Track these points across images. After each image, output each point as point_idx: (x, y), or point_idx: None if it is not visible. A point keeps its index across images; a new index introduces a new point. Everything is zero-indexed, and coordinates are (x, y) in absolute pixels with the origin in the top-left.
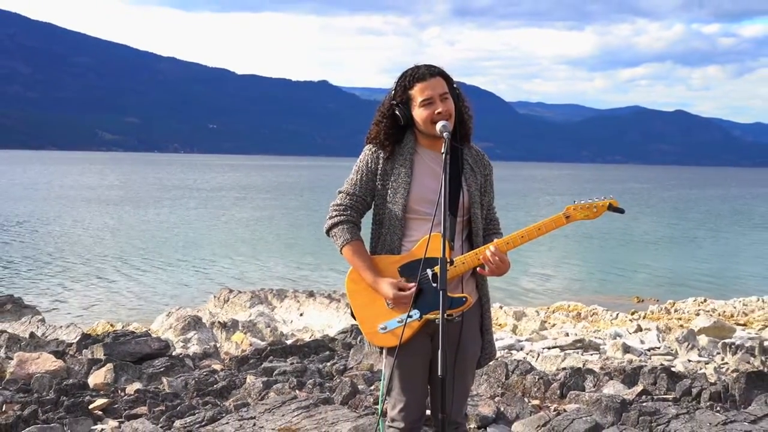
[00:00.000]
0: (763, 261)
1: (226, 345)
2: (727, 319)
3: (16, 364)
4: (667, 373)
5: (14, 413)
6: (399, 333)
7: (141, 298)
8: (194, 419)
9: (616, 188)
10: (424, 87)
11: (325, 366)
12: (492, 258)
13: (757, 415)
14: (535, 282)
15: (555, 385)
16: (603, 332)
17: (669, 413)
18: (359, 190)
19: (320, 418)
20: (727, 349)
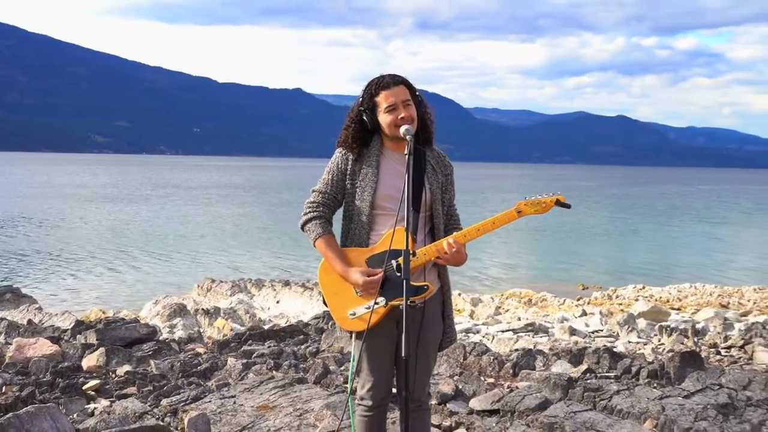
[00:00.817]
0: (696, 251)
1: (208, 330)
2: (663, 304)
3: (14, 349)
4: (609, 354)
5: (13, 394)
6: (367, 318)
7: (130, 288)
8: (179, 398)
9: (563, 186)
10: (388, 94)
11: (299, 349)
12: (449, 249)
13: (690, 391)
14: (490, 271)
15: (508, 364)
16: (551, 317)
17: (611, 389)
18: (331, 189)
19: (295, 396)
20: (663, 331)
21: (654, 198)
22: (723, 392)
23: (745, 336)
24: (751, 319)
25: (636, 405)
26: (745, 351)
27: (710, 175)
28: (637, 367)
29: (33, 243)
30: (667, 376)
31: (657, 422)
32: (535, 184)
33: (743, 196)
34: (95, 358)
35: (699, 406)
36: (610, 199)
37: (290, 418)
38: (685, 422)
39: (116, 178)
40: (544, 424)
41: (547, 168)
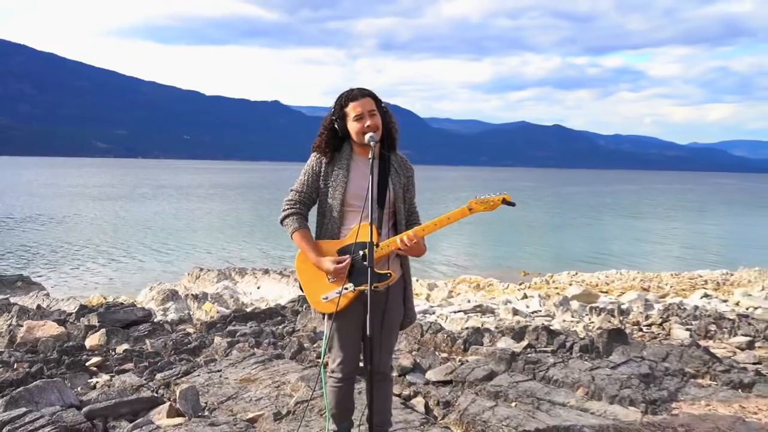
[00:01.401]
0: (622, 242)
1: (197, 313)
2: (593, 288)
3: (25, 330)
4: (547, 331)
5: (24, 370)
6: (343, 301)
7: (128, 276)
8: (172, 372)
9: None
10: (356, 105)
11: (277, 328)
12: (409, 242)
13: (616, 362)
14: (444, 260)
15: (459, 341)
16: (497, 299)
17: (548, 362)
18: (306, 188)
19: (273, 370)
20: (593, 311)
21: (587, 196)
22: (644, 364)
23: (663, 315)
24: (668, 301)
25: (570, 375)
26: (663, 328)
27: (635, 177)
28: (570, 343)
29: (43, 236)
30: (596, 350)
31: (588, 390)
32: (484, 184)
33: (664, 195)
34: (97, 338)
35: (624, 375)
36: (548, 198)
37: (269, 389)
38: (612, 390)
39: (116, 179)
40: (490, 392)
41: (493, 170)
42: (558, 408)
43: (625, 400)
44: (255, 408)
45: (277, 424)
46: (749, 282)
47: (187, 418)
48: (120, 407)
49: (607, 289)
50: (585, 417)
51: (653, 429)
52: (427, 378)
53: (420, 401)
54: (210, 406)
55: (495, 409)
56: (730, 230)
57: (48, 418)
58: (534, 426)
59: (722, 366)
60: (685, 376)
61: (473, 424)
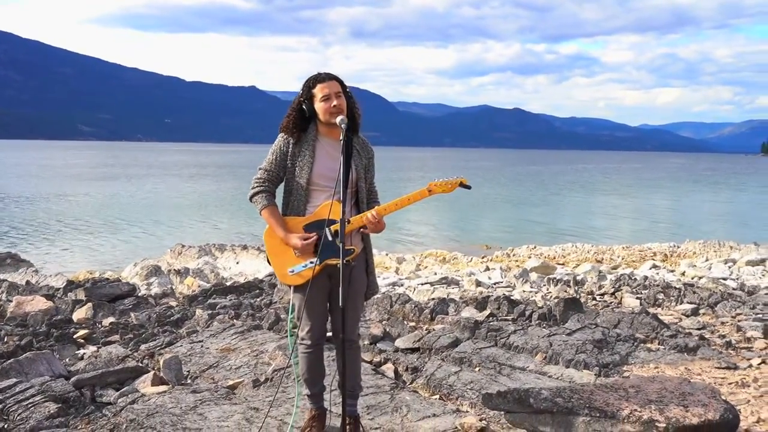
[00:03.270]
0: (575, 217)
1: (179, 287)
2: (551, 260)
3: (14, 305)
4: (508, 301)
5: (14, 343)
6: (304, 275)
7: (114, 252)
8: (156, 343)
9: (471, 165)
10: (323, 87)
11: (255, 301)
12: (373, 220)
13: (571, 329)
14: (412, 235)
15: (426, 311)
16: (461, 272)
17: (509, 329)
18: (274, 167)
19: (252, 340)
20: (550, 282)
21: (545, 174)
22: (598, 330)
23: (615, 285)
24: (620, 272)
25: (529, 342)
26: (615, 297)
27: (589, 156)
28: (529, 312)
29: (32, 215)
30: (553, 318)
31: (546, 355)
32: (448, 164)
33: (616, 173)
34: (84, 312)
35: (579, 341)
36: (509, 176)
37: (248, 358)
38: (568, 354)
39: (102, 161)
40: (455, 358)
41: (457, 151)
42: (518, 372)
43: (580, 364)
44: (235, 376)
45: (255, 391)
46: (694, 254)
47: (170, 386)
48: (107, 377)
49: (564, 262)
50: (543, 380)
51: (606, 390)
52: (397, 346)
53: (390, 367)
54: (192, 375)
55: (459, 374)
56: (677, 206)
57: (38, 387)
58: (496, 389)
59: (669, 331)
60: (635, 341)
61: (439, 388)
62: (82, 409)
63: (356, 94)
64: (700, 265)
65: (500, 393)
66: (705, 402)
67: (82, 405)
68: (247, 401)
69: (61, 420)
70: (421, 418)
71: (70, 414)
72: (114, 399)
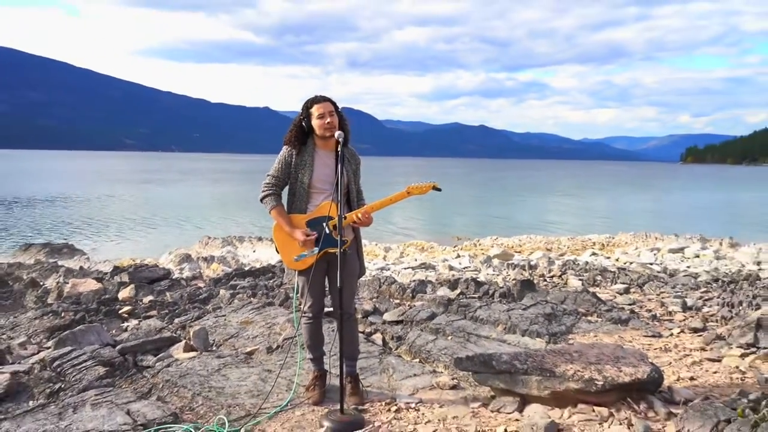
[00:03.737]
0: (530, 213)
1: (206, 271)
2: (510, 249)
3: (70, 287)
4: (475, 282)
5: (70, 317)
6: (306, 261)
7: (152, 243)
8: (187, 317)
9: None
10: (319, 107)
11: (269, 283)
12: (363, 216)
13: (526, 305)
14: (396, 229)
15: (408, 290)
16: (437, 258)
17: (476, 305)
18: (280, 174)
19: (266, 314)
20: (509, 266)
21: (508, 179)
22: (548, 306)
23: (561, 269)
24: (565, 258)
25: (492, 315)
26: (561, 279)
27: (541, 165)
28: (492, 291)
29: (85, 212)
30: (512, 296)
31: (505, 326)
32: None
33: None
34: (127, 292)
35: (532, 314)
36: (476, 181)
37: (263, 329)
38: (523, 326)
39: (142, 167)
40: (432, 329)
41: (433, 160)
42: (483, 340)
43: (533, 333)
44: (252, 344)
45: (269, 356)
46: (626, 243)
47: (199, 352)
48: (146, 345)
49: (520, 250)
50: (503, 346)
51: (554, 355)
52: (384, 319)
53: (378, 336)
54: (217, 343)
55: (435, 341)
56: (613, 204)
57: (89, 354)
58: (465, 354)
59: (606, 306)
60: (578, 314)
61: (419, 353)
62: (126, 372)
63: (351, 113)
64: (630, 252)
65: (468, 357)
66: (635, 364)
67: (126, 368)
68: (262, 364)
69: (108, 380)
70: (404, 378)
71: (116, 375)
72: (152, 363)
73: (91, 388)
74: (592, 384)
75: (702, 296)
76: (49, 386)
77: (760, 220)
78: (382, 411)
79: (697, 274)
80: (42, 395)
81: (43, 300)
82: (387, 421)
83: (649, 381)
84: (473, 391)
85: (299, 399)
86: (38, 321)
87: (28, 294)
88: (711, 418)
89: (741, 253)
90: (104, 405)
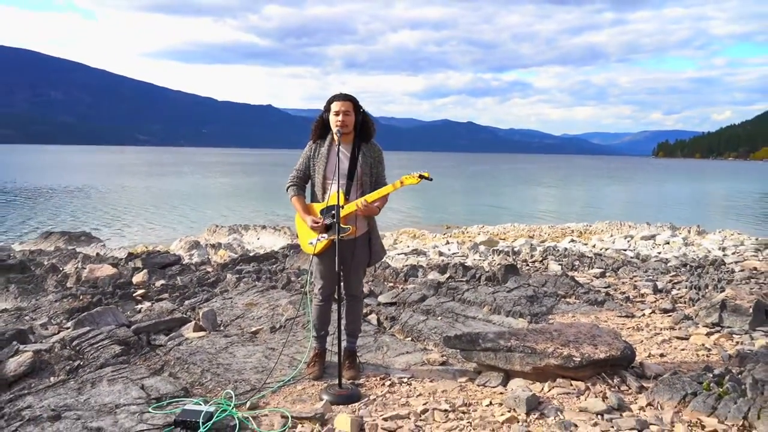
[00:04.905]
0: (514, 203)
1: (214, 257)
2: (495, 236)
3: (87, 271)
4: (463, 267)
5: (87, 300)
6: (317, 246)
7: (164, 231)
8: (196, 300)
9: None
10: (336, 104)
11: (272, 267)
12: (362, 205)
13: (510, 288)
14: (391, 217)
15: (401, 274)
16: (428, 245)
17: (464, 288)
18: (302, 167)
19: (269, 297)
20: (494, 252)
21: (496, 171)
22: (530, 288)
23: (543, 255)
24: (546, 245)
25: (478, 297)
26: (543, 263)
27: (524, 158)
28: (479, 275)
29: (100, 202)
30: (497, 280)
31: (491, 307)
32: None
33: (543, 171)
34: (141, 276)
35: (516, 296)
36: (464, 174)
37: (267, 310)
38: (507, 307)
39: (155, 161)
40: (423, 310)
41: (424, 154)
42: (470, 320)
43: (516, 314)
44: (257, 324)
45: (272, 335)
46: (602, 231)
47: (207, 332)
48: (159, 325)
49: (504, 237)
50: (489, 326)
51: (536, 333)
52: (379, 301)
53: (374, 317)
54: (224, 323)
55: (426, 321)
56: (589, 194)
57: (106, 333)
58: (453, 333)
59: (583, 289)
60: (557, 296)
61: (411, 332)
62: (140, 350)
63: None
64: (606, 239)
65: (457, 336)
66: (610, 342)
67: (140, 347)
68: (266, 343)
69: (123, 358)
70: (397, 355)
71: (130, 353)
72: (164, 342)
73: (108, 365)
74: (570, 360)
75: (671, 280)
76: (68, 363)
77: (725, 209)
78: (377, 385)
79: (667, 260)
80: (62, 372)
81: (63, 284)
82: (381, 394)
83: (622, 357)
84: (461, 366)
85: (300, 374)
86: (58, 303)
87: (48, 279)
88: (679, 391)
89: (707, 240)
90: (120, 380)
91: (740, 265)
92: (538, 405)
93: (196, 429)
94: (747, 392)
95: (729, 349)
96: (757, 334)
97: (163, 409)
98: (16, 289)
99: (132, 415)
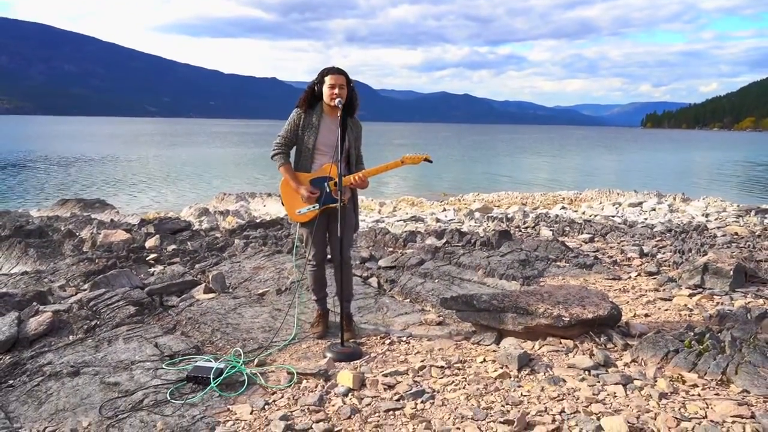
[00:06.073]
0: (508, 172)
1: (223, 223)
2: (489, 203)
3: (102, 237)
4: (459, 232)
5: (103, 263)
6: (308, 215)
7: (174, 198)
8: (206, 263)
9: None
10: (332, 77)
11: (277, 233)
12: (359, 179)
13: (504, 252)
14: (390, 186)
15: (401, 240)
16: (425, 212)
17: (459, 252)
18: (289, 134)
19: (275, 261)
20: (489, 219)
21: (493, 142)
22: (522, 253)
23: (535, 221)
24: (538, 211)
25: (474, 261)
26: (534, 229)
27: (518, 129)
28: (474, 240)
29: (115, 171)
30: (491, 245)
31: (485, 270)
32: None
33: (536, 141)
34: (153, 241)
35: (509, 260)
36: (461, 144)
37: (273, 273)
38: (501, 270)
39: (165, 131)
40: (421, 273)
41: (422, 125)
42: (466, 283)
43: (510, 277)
44: (263, 286)
45: (278, 297)
46: (591, 198)
47: (217, 293)
48: (171, 287)
49: (498, 204)
50: (483, 288)
51: (527, 295)
52: (379, 264)
53: (374, 280)
54: (232, 286)
55: (424, 284)
56: (579, 163)
57: (121, 295)
58: (450, 294)
59: (573, 253)
60: (548, 260)
61: (410, 294)
62: (153, 310)
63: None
64: (595, 206)
65: (453, 297)
66: (597, 303)
67: (154, 307)
68: (272, 304)
69: (138, 318)
70: (396, 315)
71: (144, 314)
72: (176, 303)
73: (123, 325)
74: (560, 320)
75: (657, 244)
76: (86, 323)
77: (709, 177)
78: (377, 344)
79: (653, 225)
80: (80, 331)
81: (79, 248)
82: (382, 352)
83: (609, 317)
84: (457, 326)
85: (305, 333)
86: (75, 267)
87: (65, 243)
88: (662, 348)
89: (691, 207)
90: (135, 339)
91: (722, 231)
92: (529, 362)
93: (207, 384)
94: (726, 349)
95: (710, 309)
96: (736, 296)
97: (176, 366)
98: (35, 253)
99: (147, 371)
